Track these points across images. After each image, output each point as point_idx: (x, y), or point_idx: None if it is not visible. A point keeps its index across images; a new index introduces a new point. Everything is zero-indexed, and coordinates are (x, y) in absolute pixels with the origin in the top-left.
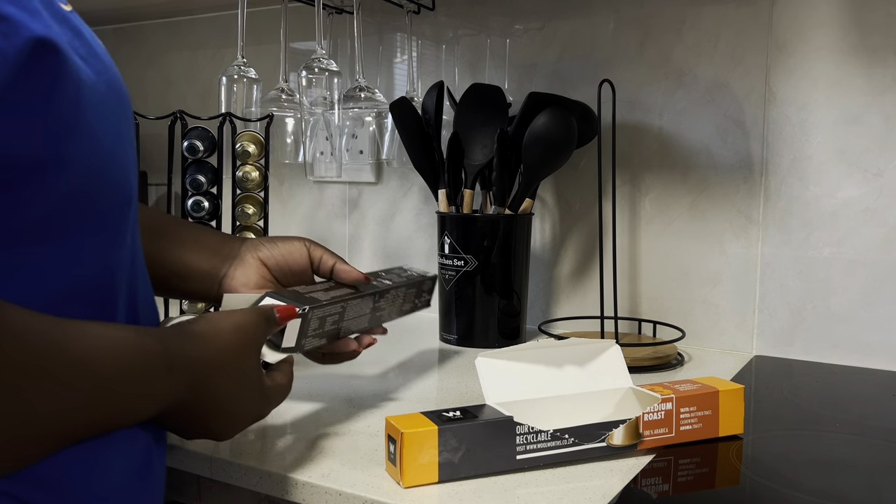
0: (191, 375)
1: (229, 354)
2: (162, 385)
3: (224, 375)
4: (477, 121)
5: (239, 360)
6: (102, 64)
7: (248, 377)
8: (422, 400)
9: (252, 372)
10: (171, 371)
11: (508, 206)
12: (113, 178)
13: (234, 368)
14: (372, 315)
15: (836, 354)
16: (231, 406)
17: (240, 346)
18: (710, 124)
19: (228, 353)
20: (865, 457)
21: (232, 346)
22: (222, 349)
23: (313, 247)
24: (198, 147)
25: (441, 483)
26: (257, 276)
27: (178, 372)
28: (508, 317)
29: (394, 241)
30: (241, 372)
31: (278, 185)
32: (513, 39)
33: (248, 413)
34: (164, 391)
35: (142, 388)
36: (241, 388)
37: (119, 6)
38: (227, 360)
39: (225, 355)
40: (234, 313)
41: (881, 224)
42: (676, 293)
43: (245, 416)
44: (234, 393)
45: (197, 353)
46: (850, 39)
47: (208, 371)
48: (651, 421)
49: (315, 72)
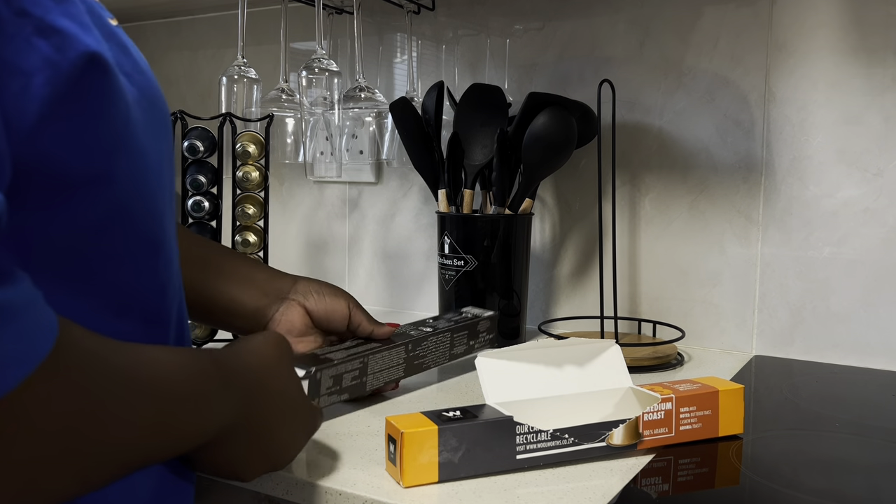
0: (245, 388)
1: (274, 363)
2: (220, 402)
3: (274, 383)
4: (477, 121)
5: (282, 369)
6: (147, 80)
7: (295, 384)
8: (422, 400)
9: (296, 381)
10: (226, 388)
11: (508, 206)
12: (156, 196)
13: (281, 378)
14: (408, 364)
15: (836, 354)
16: (287, 418)
17: (280, 356)
18: (710, 124)
19: (273, 362)
20: (865, 457)
21: (274, 356)
22: (267, 358)
23: (355, 310)
24: (198, 147)
25: (441, 483)
26: (301, 323)
27: (232, 388)
28: (508, 317)
29: (394, 241)
30: (288, 379)
31: (278, 185)
32: (513, 39)
33: (302, 424)
34: (222, 409)
35: (203, 408)
36: (291, 398)
37: (119, 6)
38: (274, 369)
39: (271, 364)
40: (266, 332)
41: (881, 224)
42: (676, 293)
43: (300, 428)
44: (286, 403)
45: (246, 365)
46: (850, 39)
47: (259, 382)
48: (651, 421)
49: (315, 72)
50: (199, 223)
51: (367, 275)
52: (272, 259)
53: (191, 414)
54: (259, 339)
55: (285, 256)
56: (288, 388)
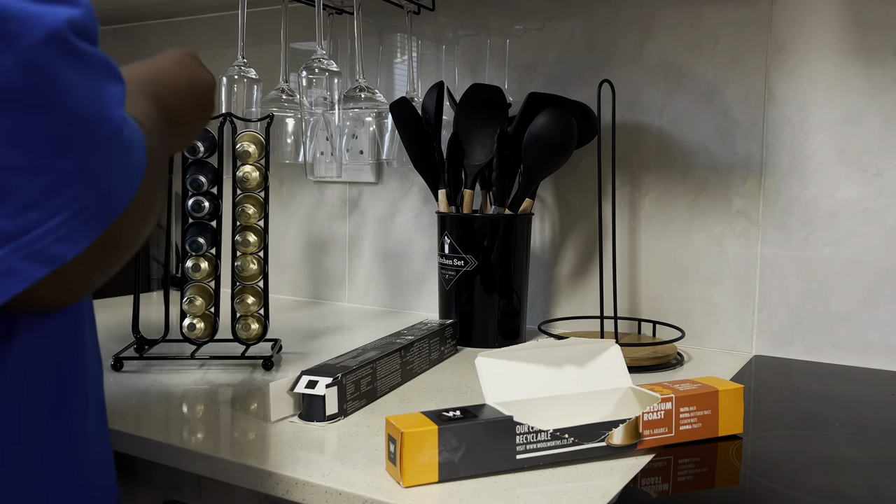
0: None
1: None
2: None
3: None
4: (477, 121)
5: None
6: None
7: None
8: (422, 400)
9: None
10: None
11: (508, 206)
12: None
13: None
14: (403, 370)
15: (836, 354)
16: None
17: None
18: (709, 124)
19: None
20: (865, 457)
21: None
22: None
23: None
24: (198, 147)
25: (441, 483)
26: None
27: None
28: (508, 316)
29: (394, 241)
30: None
31: (278, 185)
32: (513, 39)
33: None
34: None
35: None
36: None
37: (120, 6)
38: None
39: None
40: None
41: (881, 224)
42: (676, 293)
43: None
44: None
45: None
46: (850, 39)
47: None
48: (651, 420)
49: (315, 72)
50: (199, 223)
51: (367, 275)
52: (272, 259)
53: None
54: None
55: (285, 256)
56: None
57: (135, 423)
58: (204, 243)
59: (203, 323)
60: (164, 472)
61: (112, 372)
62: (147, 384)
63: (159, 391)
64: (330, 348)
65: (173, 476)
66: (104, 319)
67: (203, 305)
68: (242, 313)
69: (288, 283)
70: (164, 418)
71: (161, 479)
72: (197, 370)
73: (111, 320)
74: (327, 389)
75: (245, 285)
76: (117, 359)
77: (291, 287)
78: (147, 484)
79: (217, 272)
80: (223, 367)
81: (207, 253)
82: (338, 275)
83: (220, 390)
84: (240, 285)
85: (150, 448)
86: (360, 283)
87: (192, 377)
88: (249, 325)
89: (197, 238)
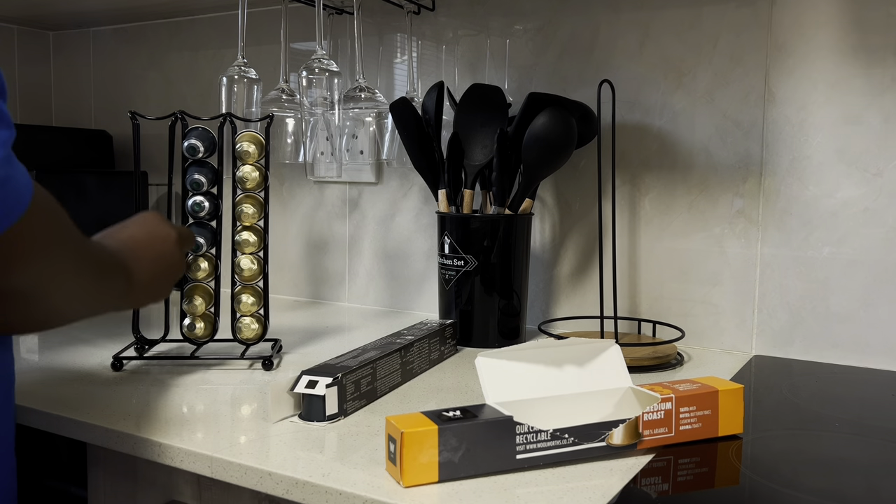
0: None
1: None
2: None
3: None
4: (477, 121)
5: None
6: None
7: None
8: (422, 400)
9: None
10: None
11: (508, 206)
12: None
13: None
14: (403, 370)
15: (836, 354)
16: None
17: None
18: (709, 124)
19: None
20: (865, 457)
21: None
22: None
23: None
24: (198, 147)
25: (441, 482)
26: None
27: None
28: (508, 317)
29: (394, 241)
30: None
31: (278, 185)
32: (513, 39)
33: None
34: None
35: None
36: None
37: (119, 6)
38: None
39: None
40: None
41: (881, 224)
42: (676, 293)
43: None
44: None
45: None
46: (850, 39)
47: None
48: (651, 420)
49: (315, 72)
50: (199, 223)
51: (367, 275)
52: (272, 259)
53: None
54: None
55: (285, 256)
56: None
57: (135, 423)
58: (204, 243)
59: (203, 323)
60: (164, 472)
61: (112, 372)
62: (147, 384)
63: (159, 391)
64: (330, 348)
65: (173, 476)
66: (104, 319)
67: (203, 305)
68: (242, 313)
69: (288, 283)
70: (163, 418)
71: (161, 479)
72: (197, 370)
73: (111, 320)
74: (327, 389)
75: (245, 285)
76: (117, 359)
77: (291, 287)
78: (147, 484)
79: (217, 272)
80: (223, 367)
81: (207, 253)
82: (338, 275)
83: (219, 390)
84: (240, 285)
85: (150, 448)
86: (360, 283)
87: (192, 377)
88: (249, 325)
89: (197, 238)
